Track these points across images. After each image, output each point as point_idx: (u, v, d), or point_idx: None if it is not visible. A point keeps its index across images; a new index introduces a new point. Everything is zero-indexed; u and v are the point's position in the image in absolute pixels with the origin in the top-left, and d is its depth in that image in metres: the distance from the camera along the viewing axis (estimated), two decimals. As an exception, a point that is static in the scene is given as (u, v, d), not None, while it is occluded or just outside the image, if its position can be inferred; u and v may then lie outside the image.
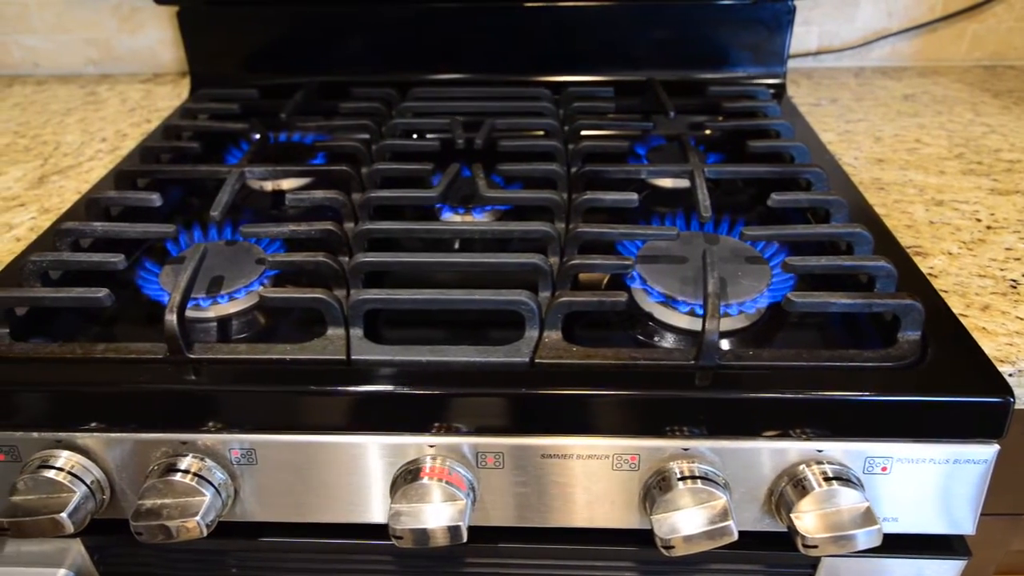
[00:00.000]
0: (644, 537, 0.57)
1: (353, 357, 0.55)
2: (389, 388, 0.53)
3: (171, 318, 0.54)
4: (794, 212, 0.75)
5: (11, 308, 0.58)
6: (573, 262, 0.60)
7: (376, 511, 0.56)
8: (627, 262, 0.60)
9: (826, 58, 1.10)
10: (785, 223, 0.71)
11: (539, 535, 0.58)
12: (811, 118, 0.93)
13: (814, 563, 0.59)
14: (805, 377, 0.53)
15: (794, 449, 0.53)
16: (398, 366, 0.55)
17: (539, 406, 0.53)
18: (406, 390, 0.53)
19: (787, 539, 0.55)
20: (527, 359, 0.54)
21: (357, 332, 0.57)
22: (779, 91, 0.97)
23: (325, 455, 0.55)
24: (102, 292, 0.57)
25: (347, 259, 0.63)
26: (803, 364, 0.53)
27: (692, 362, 0.54)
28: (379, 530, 0.57)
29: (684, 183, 0.80)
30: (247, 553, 0.61)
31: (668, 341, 0.60)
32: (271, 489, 0.56)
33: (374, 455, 0.54)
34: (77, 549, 0.62)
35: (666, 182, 0.81)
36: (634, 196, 0.69)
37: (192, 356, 0.55)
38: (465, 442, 0.54)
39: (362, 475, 0.55)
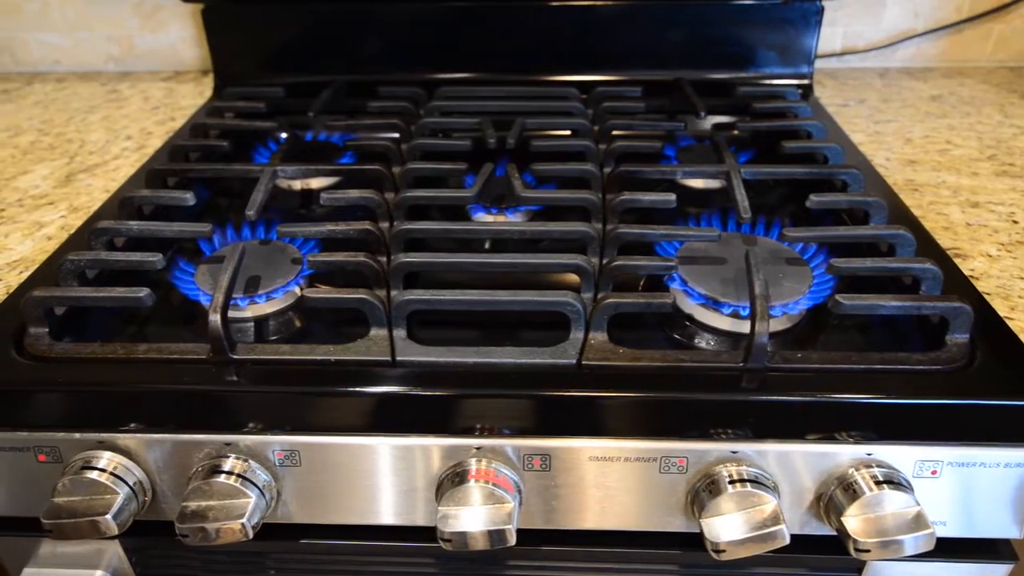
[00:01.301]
0: (688, 540, 0.57)
1: (398, 358, 0.54)
2: (435, 390, 0.53)
3: (215, 318, 0.54)
4: (827, 213, 0.74)
5: (51, 308, 0.58)
6: (616, 263, 0.59)
7: (421, 513, 0.56)
8: (671, 263, 0.60)
9: (850, 59, 1.09)
10: (818, 224, 0.71)
11: (584, 538, 0.57)
12: (839, 119, 0.92)
13: (859, 567, 0.59)
14: (856, 380, 0.52)
15: (843, 452, 0.53)
16: (444, 367, 0.54)
17: (587, 408, 0.53)
18: (452, 391, 0.53)
19: (831, 542, 0.55)
20: (574, 361, 0.54)
21: (400, 333, 0.56)
22: (806, 91, 0.97)
23: (369, 457, 0.54)
24: (143, 292, 0.56)
25: (384, 259, 0.63)
26: (853, 367, 0.53)
27: (741, 364, 0.53)
28: (422, 532, 0.57)
29: (715, 183, 0.79)
30: (287, 555, 0.60)
31: (709, 343, 0.59)
32: (314, 491, 0.56)
33: (419, 457, 0.54)
34: (114, 550, 0.62)
35: (697, 182, 0.80)
36: (672, 197, 0.68)
37: (235, 357, 0.55)
38: (511, 444, 0.53)
39: (407, 477, 0.55)
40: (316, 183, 0.81)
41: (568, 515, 0.56)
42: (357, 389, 0.53)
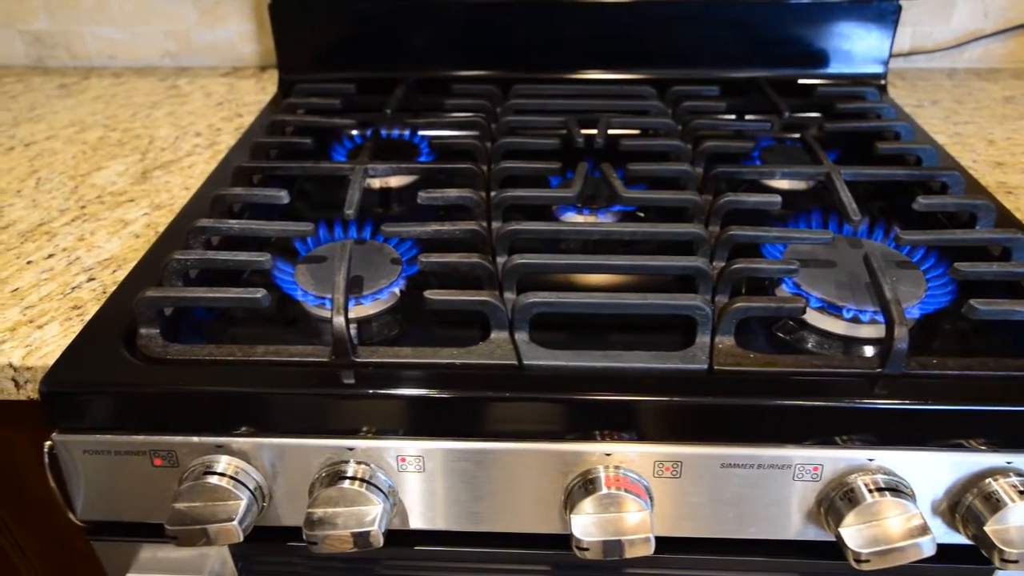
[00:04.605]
0: (811, 549, 0.56)
1: (525, 362, 0.53)
2: (566, 394, 0.52)
3: (339, 320, 0.53)
4: (926, 215, 0.73)
5: (161, 308, 0.57)
6: (738, 266, 0.58)
7: (546, 520, 0.55)
8: (793, 266, 0.59)
9: (917, 59, 1.08)
10: (914, 226, 0.70)
11: (708, 546, 0.56)
12: (918, 120, 0.91)
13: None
14: (997, 387, 0.51)
15: (981, 460, 0.52)
16: (572, 372, 0.53)
17: (720, 414, 0.52)
18: (583, 396, 0.52)
19: (954, 550, 0.54)
20: (705, 366, 0.53)
21: (523, 336, 0.55)
22: (880, 92, 0.96)
23: (495, 463, 0.53)
24: (260, 293, 0.55)
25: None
26: (992, 374, 0.52)
27: (879, 370, 0.52)
28: (545, 539, 0.56)
29: (800, 184, 0.79)
30: (401, 561, 0.59)
31: (823, 347, 0.58)
32: (436, 497, 0.54)
33: (548, 463, 0.53)
34: (217, 555, 0.61)
35: (782, 183, 0.79)
36: (777, 198, 0.67)
37: (358, 360, 0.53)
38: (643, 450, 0.52)
39: (534, 484, 0.53)
40: (395, 181, 0.80)
41: (696, 523, 0.55)
42: (486, 394, 0.52)
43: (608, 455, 0.52)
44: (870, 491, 0.51)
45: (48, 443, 0.55)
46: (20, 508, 0.71)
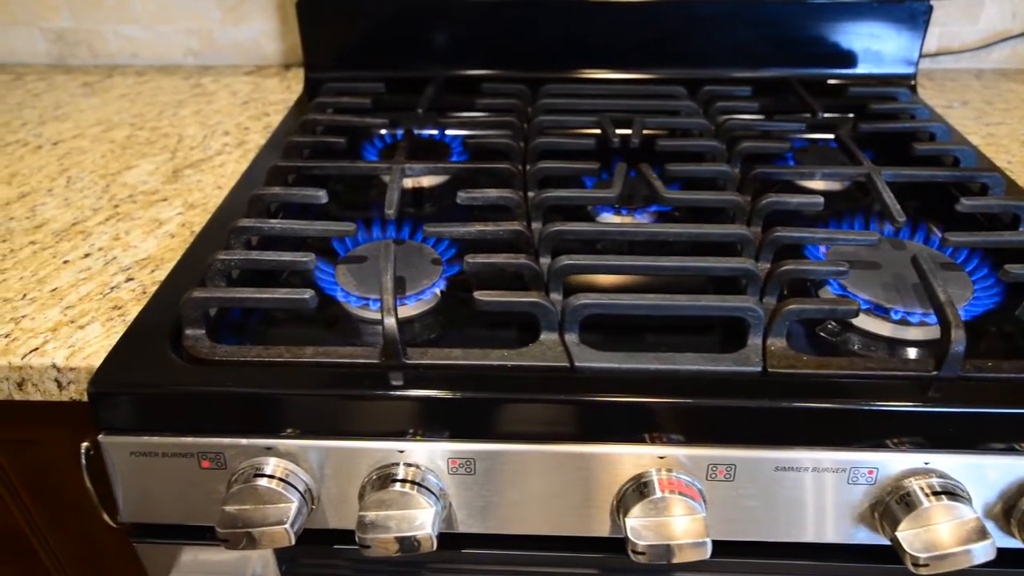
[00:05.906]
0: (861, 552, 0.56)
1: (577, 364, 0.53)
2: (619, 397, 0.51)
3: (390, 321, 0.52)
4: (962, 216, 0.73)
5: (206, 309, 0.56)
6: (787, 267, 0.58)
7: (598, 524, 0.54)
8: (843, 268, 0.58)
9: (944, 59, 1.08)
10: (952, 227, 0.69)
11: (757, 549, 0.56)
12: (949, 121, 0.91)
13: (1038, 581, 0.57)
14: (1053, 390, 0.51)
15: (1036, 464, 0.51)
16: (624, 374, 0.53)
17: (775, 417, 0.51)
18: (638, 399, 0.51)
19: (1009, 554, 0.53)
20: (759, 368, 0.53)
21: (573, 338, 0.55)
22: (911, 92, 0.95)
23: (547, 466, 0.53)
24: (308, 293, 0.55)
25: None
26: (1049, 376, 0.52)
27: (934, 373, 0.52)
28: (590, 543, 0.55)
29: (835, 185, 0.78)
30: (447, 564, 0.59)
31: (870, 349, 0.58)
32: (485, 499, 0.54)
33: (600, 466, 0.52)
34: (259, 558, 0.60)
35: (816, 183, 0.79)
36: (820, 199, 0.67)
37: (408, 361, 0.53)
38: (696, 453, 0.52)
39: (586, 486, 0.53)
40: (427, 181, 0.80)
41: (748, 526, 0.54)
42: (540, 396, 0.51)
43: (661, 458, 0.52)
44: (926, 495, 0.50)
45: (85, 444, 0.55)
46: (53, 510, 0.70)
